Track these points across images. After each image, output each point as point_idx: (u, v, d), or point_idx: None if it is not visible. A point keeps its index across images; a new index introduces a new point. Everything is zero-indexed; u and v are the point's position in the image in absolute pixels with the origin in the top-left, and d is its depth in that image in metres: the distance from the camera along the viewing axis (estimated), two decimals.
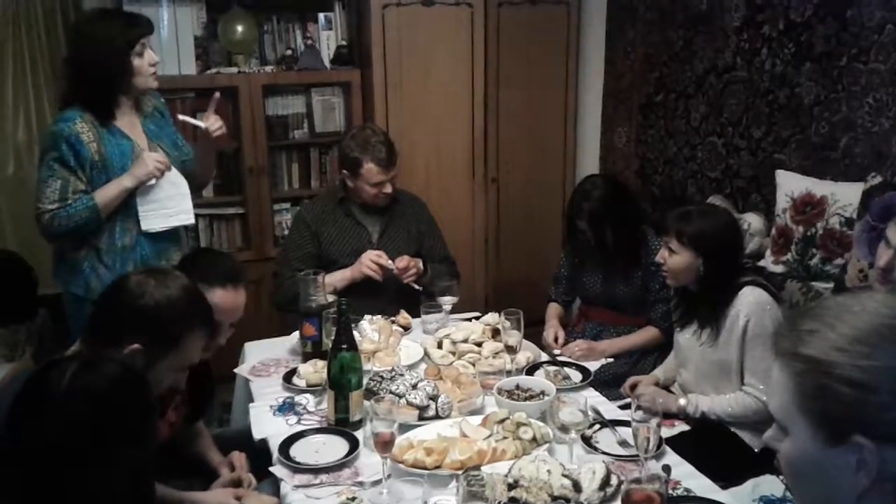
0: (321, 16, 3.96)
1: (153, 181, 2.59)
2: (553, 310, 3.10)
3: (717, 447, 2.32)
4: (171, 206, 2.66)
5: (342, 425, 2.12)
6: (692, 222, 2.41)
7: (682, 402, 2.42)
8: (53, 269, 2.76)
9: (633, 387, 2.58)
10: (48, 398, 1.28)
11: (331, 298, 2.57)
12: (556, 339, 2.90)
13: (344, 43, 3.98)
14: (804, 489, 1.01)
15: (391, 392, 2.17)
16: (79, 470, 1.26)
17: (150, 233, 2.64)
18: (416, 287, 2.97)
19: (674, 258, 2.43)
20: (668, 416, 2.33)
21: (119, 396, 1.31)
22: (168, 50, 3.65)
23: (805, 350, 0.95)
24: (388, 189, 3.02)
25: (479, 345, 2.58)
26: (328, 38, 3.98)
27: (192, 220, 2.75)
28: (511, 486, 1.73)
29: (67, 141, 2.51)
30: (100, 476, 1.28)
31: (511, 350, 2.43)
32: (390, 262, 2.94)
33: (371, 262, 2.93)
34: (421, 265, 3.03)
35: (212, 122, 2.76)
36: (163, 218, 2.65)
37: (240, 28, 3.75)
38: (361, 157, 2.97)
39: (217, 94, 2.81)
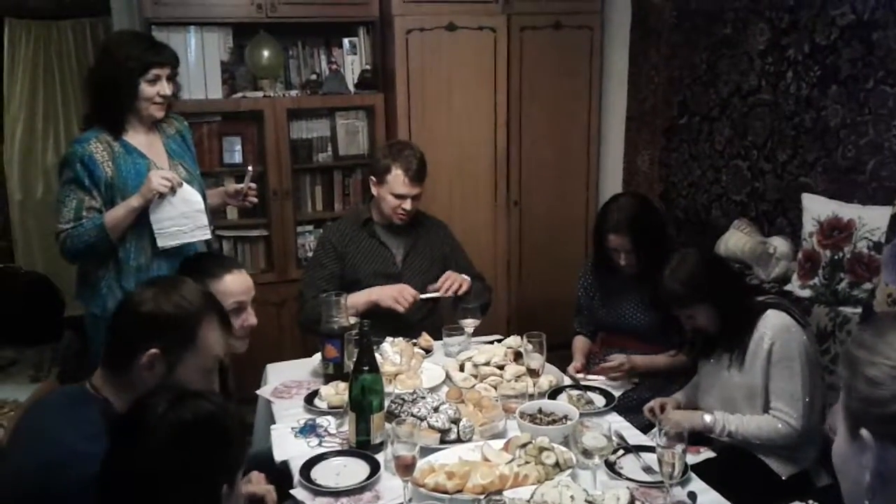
0: (346, 41, 4.01)
1: (160, 198, 2.57)
2: (579, 343, 3.04)
3: (743, 474, 2.28)
4: (185, 222, 2.65)
5: (363, 448, 2.11)
6: (675, 282, 2.38)
7: (708, 419, 2.37)
8: (76, 289, 2.78)
9: (653, 410, 2.50)
10: (141, 432, 1.33)
11: (353, 320, 2.57)
12: (582, 368, 2.85)
13: (368, 67, 4.02)
14: (842, 483, 1.09)
15: (413, 415, 2.16)
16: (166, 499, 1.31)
17: (166, 252, 2.65)
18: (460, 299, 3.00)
19: (699, 319, 2.40)
20: (694, 441, 2.29)
21: (204, 431, 1.35)
22: (195, 74, 3.72)
23: (850, 347, 1.04)
24: (408, 206, 3.02)
25: (502, 368, 2.56)
26: (352, 63, 4.02)
27: (208, 236, 2.74)
28: None
29: (81, 161, 2.57)
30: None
31: (533, 373, 2.41)
32: (419, 294, 2.95)
33: (406, 297, 2.93)
34: (468, 280, 3.03)
35: (252, 190, 2.87)
36: (177, 235, 2.65)
37: (266, 53, 3.80)
38: (392, 163, 3.00)
39: (250, 168, 2.93)
